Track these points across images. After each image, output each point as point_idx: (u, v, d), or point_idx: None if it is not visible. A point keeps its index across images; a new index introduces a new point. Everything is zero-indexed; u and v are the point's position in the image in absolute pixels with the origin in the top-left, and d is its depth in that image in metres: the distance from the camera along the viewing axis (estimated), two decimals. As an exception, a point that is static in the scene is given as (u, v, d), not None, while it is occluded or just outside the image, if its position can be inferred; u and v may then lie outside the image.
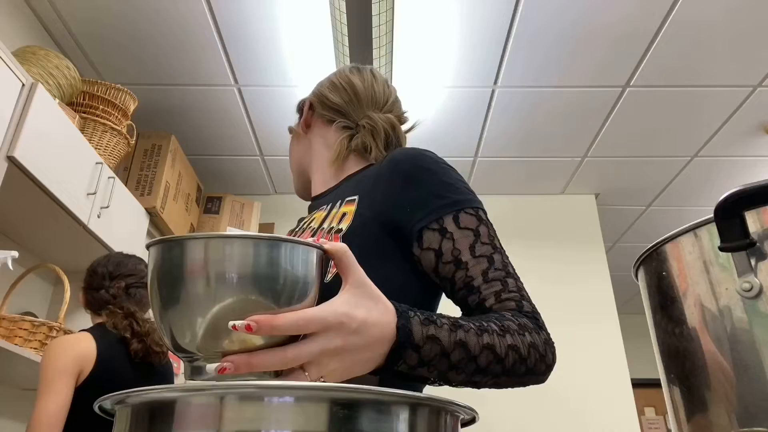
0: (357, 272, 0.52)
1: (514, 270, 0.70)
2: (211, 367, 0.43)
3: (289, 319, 0.45)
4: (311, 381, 0.47)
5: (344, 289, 0.52)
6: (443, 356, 0.56)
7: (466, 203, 0.71)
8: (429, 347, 0.55)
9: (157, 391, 0.37)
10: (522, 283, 0.70)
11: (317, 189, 0.94)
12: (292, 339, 0.47)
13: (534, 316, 0.66)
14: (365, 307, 0.51)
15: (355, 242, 0.61)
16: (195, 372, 0.45)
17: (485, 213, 0.73)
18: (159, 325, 0.46)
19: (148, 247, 0.47)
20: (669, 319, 0.53)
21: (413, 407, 0.38)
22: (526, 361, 0.61)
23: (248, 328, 0.43)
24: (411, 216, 0.71)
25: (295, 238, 0.47)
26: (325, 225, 0.78)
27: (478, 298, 0.66)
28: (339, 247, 0.51)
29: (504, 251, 0.71)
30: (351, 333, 0.49)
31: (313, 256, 0.49)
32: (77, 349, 1.56)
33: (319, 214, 0.83)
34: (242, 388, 0.35)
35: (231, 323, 0.43)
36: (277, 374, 0.47)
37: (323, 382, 0.48)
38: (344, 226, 0.74)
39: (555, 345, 0.66)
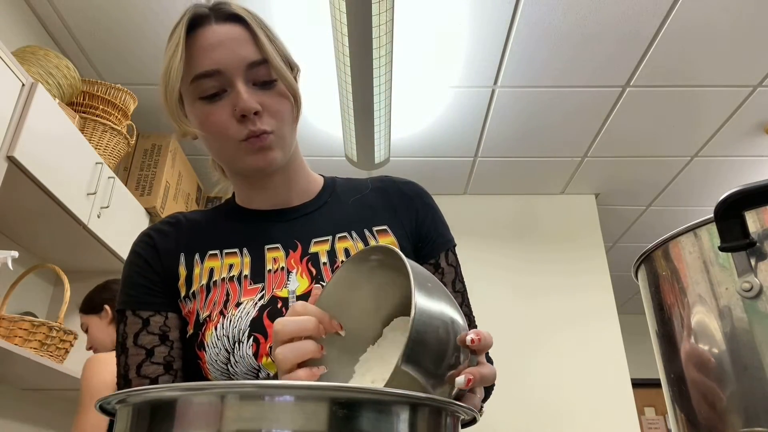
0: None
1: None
2: (461, 380, 0.48)
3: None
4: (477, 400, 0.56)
5: None
6: None
7: (452, 242, 0.85)
8: None
9: (158, 390, 0.37)
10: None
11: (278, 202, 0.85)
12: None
13: None
14: None
15: None
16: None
17: None
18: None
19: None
20: (669, 319, 0.53)
21: (413, 407, 0.38)
22: (492, 389, 0.71)
23: (468, 382, 0.49)
24: (420, 248, 0.82)
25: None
26: None
27: None
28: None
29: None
30: None
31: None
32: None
33: (346, 244, 0.78)
34: (242, 388, 0.35)
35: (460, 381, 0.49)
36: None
37: None
38: None
39: None
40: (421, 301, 0.46)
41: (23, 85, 1.71)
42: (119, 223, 2.26)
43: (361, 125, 2.43)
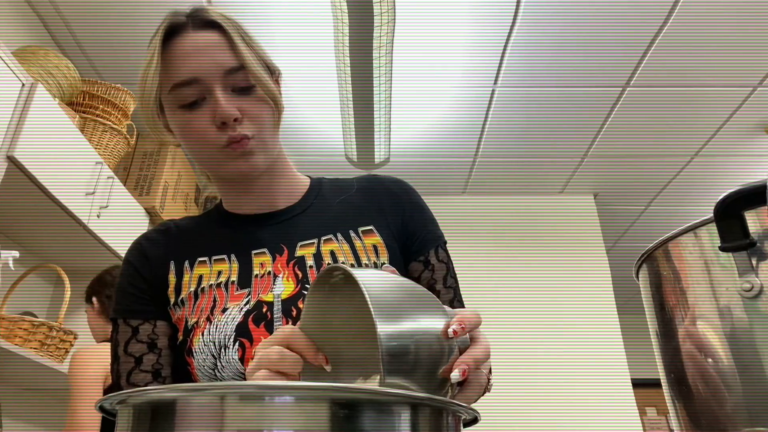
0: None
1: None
2: (455, 375, 0.47)
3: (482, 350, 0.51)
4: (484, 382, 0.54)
5: None
6: None
7: (442, 239, 0.84)
8: None
9: (158, 391, 0.37)
10: None
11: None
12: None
13: None
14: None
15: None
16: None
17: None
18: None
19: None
20: (669, 319, 0.53)
21: (414, 407, 0.38)
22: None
23: (464, 373, 0.47)
24: (408, 246, 0.82)
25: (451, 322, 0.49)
26: (364, 260, 0.77)
27: None
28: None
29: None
30: None
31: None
32: (104, 359, 1.66)
33: (332, 246, 0.78)
34: (242, 388, 0.35)
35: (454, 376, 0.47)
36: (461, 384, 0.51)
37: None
38: (384, 259, 0.79)
39: None
40: (384, 327, 0.44)
41: (23, 85, 1.71)
42: (119, 223, 2.26)
43: (361, 125, 2.43)
